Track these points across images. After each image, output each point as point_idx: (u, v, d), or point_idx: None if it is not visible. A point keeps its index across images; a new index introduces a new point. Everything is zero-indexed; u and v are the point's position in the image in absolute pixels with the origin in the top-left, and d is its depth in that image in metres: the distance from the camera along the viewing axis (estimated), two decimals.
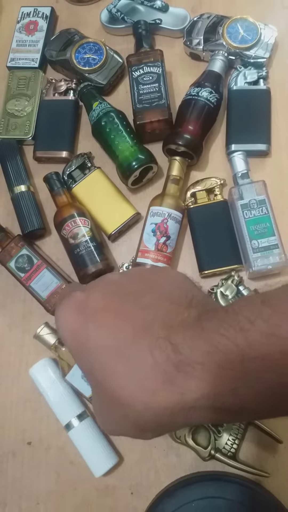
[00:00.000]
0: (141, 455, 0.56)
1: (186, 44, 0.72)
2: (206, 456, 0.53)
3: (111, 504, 0.55)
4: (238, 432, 0.54)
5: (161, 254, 0.59)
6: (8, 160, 0.67)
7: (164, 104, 0.64)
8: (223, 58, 0.68)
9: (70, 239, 0.61)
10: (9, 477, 0.57)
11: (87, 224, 0.62)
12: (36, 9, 0.78)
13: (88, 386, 0.54)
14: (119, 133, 0.63)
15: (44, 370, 0.58)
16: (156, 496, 0.53)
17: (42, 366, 0.58)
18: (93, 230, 0.62)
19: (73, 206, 0.63)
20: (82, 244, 0.61)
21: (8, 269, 0.62)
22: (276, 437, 0.53)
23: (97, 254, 0.61)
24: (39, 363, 0.58)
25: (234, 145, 0.65)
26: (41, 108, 0.71)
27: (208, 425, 0.53)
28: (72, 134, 0.71)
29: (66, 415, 0.55)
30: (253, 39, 0.68)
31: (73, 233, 0.61)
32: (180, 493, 0.51)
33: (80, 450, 0.55)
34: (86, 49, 0.72)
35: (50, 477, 0.57)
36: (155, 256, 0.59)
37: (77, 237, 0.61)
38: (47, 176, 0.65)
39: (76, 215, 0.62)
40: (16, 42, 0.76)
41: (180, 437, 0.54)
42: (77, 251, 0.61)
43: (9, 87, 0.73)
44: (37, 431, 0.58)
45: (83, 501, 0.55)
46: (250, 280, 0.61)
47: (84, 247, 0.60)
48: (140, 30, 0.71)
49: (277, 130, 0.68)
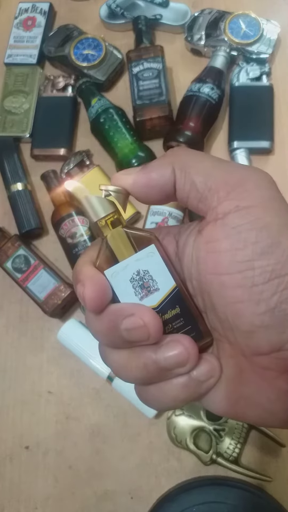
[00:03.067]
0: (142, 460, 0.55)
1: (187, 40, 0.71)
2: (208, 461, 0.52)
3: (110, 508, 0.54)
4: (240, 436, 0.52)
5: None
6: (5, 158, 0.66)
7: (164, 101, 0.62)
8: (225, 54, 0.67)
9: (68, 239, 0.60)
10: (6, 482, 0.56)
11: (85, 223, 0.61)
12: (34, 4, 0.77)
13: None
14: (118, 130, 0.62)
15: (75, 328, 0.58)
16: (156, 501, 0.52)
17: (71, 325, 0.58)
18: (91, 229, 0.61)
19: (71, 205, 0.62)
20: (81, 243, 0.59)
21: (5, 270, 0.60)
22: (279, 441, 0.52)
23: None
24: (67, 324, 0.58)
25: (237, 142, 0.64)
26: (39, 105, 0.70)
27: (210, 429, 0.52)
28: (70, 131, 0.69)
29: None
30: (255, 35, 0.67)
31: (71, 232, 0.60)
32: (181, 498, 0.50)
33: (127, 397, 0.55)
34: (85, 45, 0.71)
35: (48, 481, 0.56)
36: None
37: (75, 237, 0.60)
38: (45, 174, 0.64)
39: (74, 214, 0.61)
40: (13, 38, 0.75)
41: (181, 441, 0.53)
42: (75, 250, 0.60)
43: (6, 84, 0.72)
44: (34, 435, 0.57)
45: (82, 506, 0.54)
46: None
47: (83, 247, 0.59)
48: (140, 26, 0.70)
49: (280, 127, 0.67)
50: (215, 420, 0.53)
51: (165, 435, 0.55)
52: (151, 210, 0.61)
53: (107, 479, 0.54)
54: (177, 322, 0.23)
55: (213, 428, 0.53)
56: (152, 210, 0.61)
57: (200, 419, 0.53)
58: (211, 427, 0.53)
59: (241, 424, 0.52)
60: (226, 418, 0.52)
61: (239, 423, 0.53)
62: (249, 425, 0.53)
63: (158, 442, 0.55)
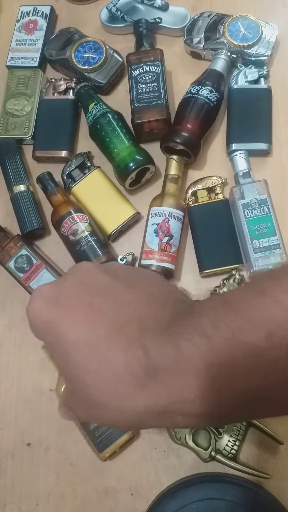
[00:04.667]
0: (141, 456, 0.56)
1: (187, 43, 0.71)
2: (207, 458, 0.53)
3: (111, 505, 0.55)
4: (238, 433, 0.53)
5: (165, 254, 0.59)
6: (7, 159, 0.67)
7: (163, 104, 0.63)
8: (225, 58, 0.67)
9: (70, 236, 0.61)
10: (8, 478, 0.57)
11: (85, 220, 0.61)
12: (36, 8, 0.78)
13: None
14: (116, 134, 0.63)
15: None
16: (156, 497, 0.53)
17: None
18: (92, 225, 0.62)
19: (70, 203, 0.63)
20: (83, 239, 0.60)
21: (7, 269, 0.61)
22: (277, 438, 0.53)
23: (99, 248, 0.60)
24: None
25: (235, 144, 0.65)
26: (41, 107, 0.71)
27: (209, 426, 0.53)
28: (72, 133, 0.70)
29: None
30: (254, 37, 0.68)
31: (73, 229, 0.61)
32: (180, 494, 0.51)
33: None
34: (86, 48, 0.71)
35: (50, 478, 0.56)
36: (159, 257, 0.59)
37: (77, 233, 0.61)
38: (40, 176, 0.65)
39: (73, 211, 0.62)
40: (15, 41, 0.76)
41: (180, 438, 0.54)
42: (78, 247, 0.60)
43: (8, 86, 0.73)
44: (36, 432, 0.58)
45: (83, 503, 0.55)
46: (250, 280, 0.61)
47: (85, 242, 0.60)
48: (141, 29, 0.70)
49: (278, 129, 0.68)
50: None
51: (165, 432, 0.55)
52: (152, 211, 0.61)
53: (108, 476, 0.55)
54: None
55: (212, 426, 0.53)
56: (152, 211, 0.61)
57: None
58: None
59: (240, 422, 0.53)
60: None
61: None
62: (248, 423, 0.53)
63: (158, 439, 0.56)
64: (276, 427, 0.53)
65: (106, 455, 0.54)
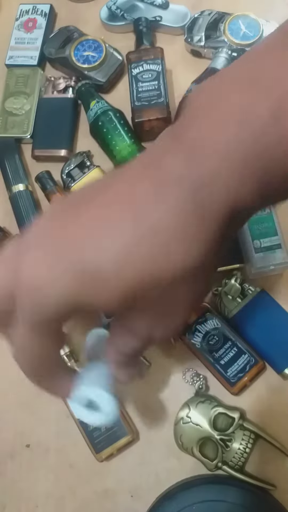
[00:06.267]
0: (141, 458, 0.55)
1: (187, 41, 0.71)
2: (213, 468, 0.52)
3: (110, 507, 0.54)
4: (246, 446, 0.52)
5: None
6: (6, 159, 0.67)
7: (163, 102, 0.63)
8: (226, 56, 0.67)
9: None
10: (7, 480, 0.56)
11: None
12: (35, 6, 0.77)
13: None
14: (117, 132, 0.63)
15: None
16: (156, 499, 0.52)
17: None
18: None
19: None
20: None
21: None
22: (284, 451, 0.52)
23: None
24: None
25: None
26: (40, 106, 0.70)
27: (217, 439, 0.52)
28: (71, 132, 0.70)
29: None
30: (255, 36, 0.68)
31: None
32: (180, 496, 0.50)
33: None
34: (86, 46, 0.71)
35: (49, 480, 0.56)
36: None
37: None
38: (39, 175, 0.64)
39: None
40: (14, 39, 0.75)
41: (187, 449, 0.53)
42: None
43: (7, 85, 0.72)
44: (35, 434, 0.58)
45: (82, 505, 0.55)
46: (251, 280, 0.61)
47: None
48: (141, 27, 0.70)
49: None
50: (223, 431, 0.52)
51: (165, 434, 0.55)
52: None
53: (107, 478, 0.55)
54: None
55: (219, 438, 0.52)
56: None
57: (207, 429, 0.52)
58: (218, 437, 0.52)
59: (248, 435, 0.52)
60: (234, 429, 0.52)
61: (247, 434, 0.52)
62: (256, 435, 0.52)
63: (158, 441, 0.55)
64: (284, 440, 0.53)
65: (103, 456, 0.53)
